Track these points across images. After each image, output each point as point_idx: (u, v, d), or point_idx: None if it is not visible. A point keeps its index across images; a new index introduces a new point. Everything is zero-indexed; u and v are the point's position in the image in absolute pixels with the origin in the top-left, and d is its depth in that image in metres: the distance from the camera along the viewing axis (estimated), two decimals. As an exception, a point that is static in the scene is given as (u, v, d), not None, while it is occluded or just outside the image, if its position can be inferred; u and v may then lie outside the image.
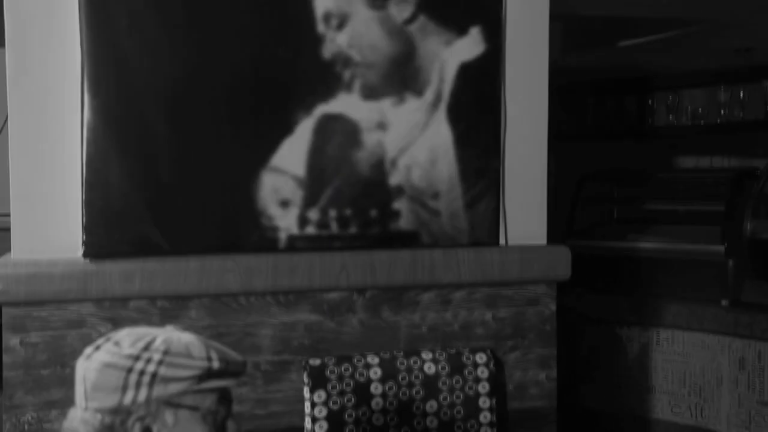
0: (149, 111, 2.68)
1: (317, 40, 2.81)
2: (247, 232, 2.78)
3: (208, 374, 1.44)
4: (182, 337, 1.47)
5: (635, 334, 4.76)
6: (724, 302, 4.49)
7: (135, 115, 2.66)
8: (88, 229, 2.63)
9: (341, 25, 2.83)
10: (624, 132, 5.44)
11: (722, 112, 4.97)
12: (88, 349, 1.46)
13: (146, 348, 1.42)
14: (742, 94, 4.88)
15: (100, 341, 1.47)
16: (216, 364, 1.45)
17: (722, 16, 3.66)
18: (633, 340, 4.77)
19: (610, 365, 4.85)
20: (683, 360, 4.60)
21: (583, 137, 5.50)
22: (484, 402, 2.83)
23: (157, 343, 1.44)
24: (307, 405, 2.71)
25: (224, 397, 1.49)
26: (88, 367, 1.43)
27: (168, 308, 2.71)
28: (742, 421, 4.39)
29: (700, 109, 5.11)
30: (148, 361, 1.40)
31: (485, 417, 2.82)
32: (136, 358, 1.41)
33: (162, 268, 2.68)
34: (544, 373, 3.08)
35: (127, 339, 1.45)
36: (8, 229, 2.65)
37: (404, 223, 2.92)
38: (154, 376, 1.40)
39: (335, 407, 2.70)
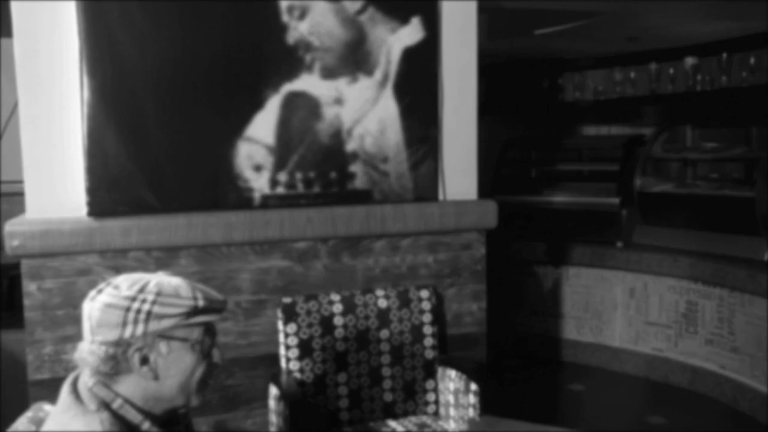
0: (140, 90, 2.60)
1: (282, 29, 2.74)
2: (227, 192, 2.74)
3: (195, 311, 1.42)
4: (171, 281, 1.45)
5: (549, 272, 4.83)
6: (618, 244, 4.58)
7: (128, 94, 2.58)
8: (90, 192, 2.57)
9: (302, 16, 2.76)
10: (539, 105, 5.45)
11: (617, 89, 5.00)
12: (92, 293, 1.43)
13: (141, 290, 1.40)
14: (632, 75, 4.91)
15: (101, 285, 1.44)
16: (201, 303, 1.43)
17: (616, 10, 3.67)
18: (547, 276, 4.84)
19: (529, 297, 4.93)
20: (586, 291, 4.69)
21: (506, 110, 5.49)
22: (427, 329, 2.84)
23: (151, 285, 1.41)
24: (281, 336, 2.70)
25: (209, 329, 1.47)
26: (92, 307, 1.40)
27: (162, 257, 2.66)
28: (631, 338, 4.51)
29: (599, 86, 5.13)
30: (143, 301, 1.38)
31: (428, 342, 2.84)
32: (133, 299, 1.38)
33: (155, 224, 2.63)
34: (476, 304, 3.10)
35: (125, 283, 1.42)
36: (22, 194, 2.58)
37: (359, 183, 2.90)
38: (149, 313, 1.38)
39: (305, 337, 2.69)
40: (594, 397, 4.21)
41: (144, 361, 1.38)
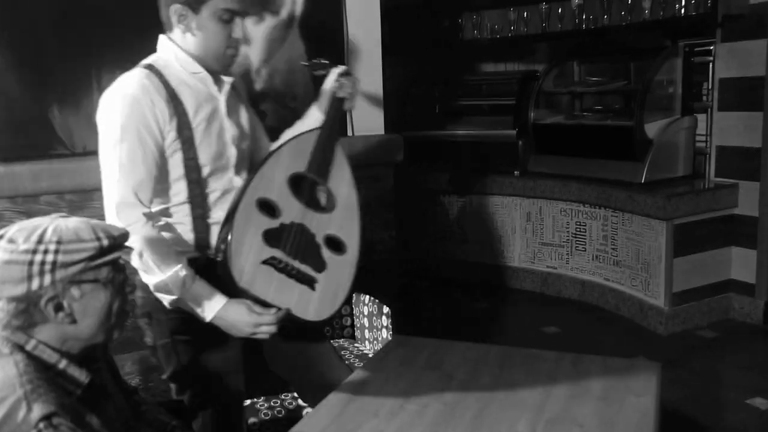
0: (40, 35, 2.41)
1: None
2: (139, 134, 2.60)
3: (101, 252, 1.33)
4: (69, 224, 1.33)
5: (454, 200, 4.90)
6: (516, 173, 4.67)
7: (27, 39, 2.40)
8: (-6, 137, 2.39)
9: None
10: (441, 44, 5.41)
11: (512, 27, 5.01)
12: None
13: (40, 240, 1.27)
14: (525, 14, 4.92)
15: None
16: (105, 242, 1.34)
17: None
18: (453, 204, 4.91)
19: (437, 224, 5.00)
20: (489, 217, 4.79)
21: (410, 49, 5.42)
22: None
23: (49, 234, 1.29)
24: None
25: (116, 265, 1.39)
26: None
27: (75, 201, 2.53)
28: (528, 257, 4.67)
29: (496, 26, 5.13)
30: (45, 252, 1.27)
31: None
32: (34, 251, 1.26)
33: (66, 168, 2.49)
34: (386, 233, 3.12)
35: (20, 235, 1.28)
36: None
37: (269, 120, 2.81)
38: (54, 263, 1.27)
39: (224, 271, 2.63)
40: (496, 313, 4.36)
41: (58, 308, 1.30)
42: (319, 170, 1.86)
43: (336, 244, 1.83)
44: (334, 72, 2.01)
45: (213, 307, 1.69)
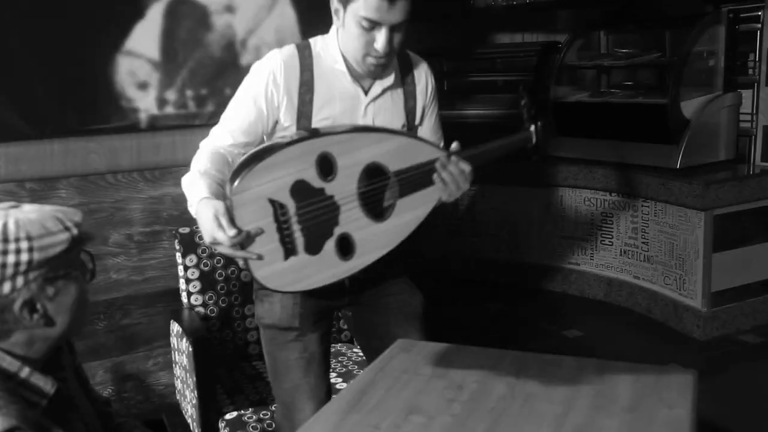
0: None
1: (160, -74, 2.59)
2: (108, 114, 2.64)
3: (74, 243, 1.34)
4: (30, 216, 1.31)
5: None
6: (534, 157, 4.64)
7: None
8: (-56, 117, 2.41)
9: None
10: (451, 12, 5.38)
11: (531, -7, 5.00)
12: None
13: (6, 239, 1.26)
14: (547, -23, 4.92)
15: None
16: (75, 231, 1.34)
17: None
18: (463, 195, 4.90)
19: (444, 216, 4.99)
20: (502, 208, 4.79)
21: (416, 18, 5.40)
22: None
23: (12, 229, 1.27)
24: (180, 269, 2.65)
25: (85, 255, 1.40)
26: None
27: (37, 189, 2.55)
28: (548, 253, 4.67)
29: (512, -10, 5.12)
30: (18, 252, 1.26)
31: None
32: (4, 252, 1.25)
33: (26, 152, 2.51)
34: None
35: None
36: None
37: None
38: (29, 263, 1.27)
39: (206, 268, 2.65)
40: (512, 314, 4.36)
41: (32, 310, 1.31)
42: (403, 182, 1.88)
43: (346, 247, 1.81)
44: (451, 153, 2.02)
45: (194, 200, 1.74)
